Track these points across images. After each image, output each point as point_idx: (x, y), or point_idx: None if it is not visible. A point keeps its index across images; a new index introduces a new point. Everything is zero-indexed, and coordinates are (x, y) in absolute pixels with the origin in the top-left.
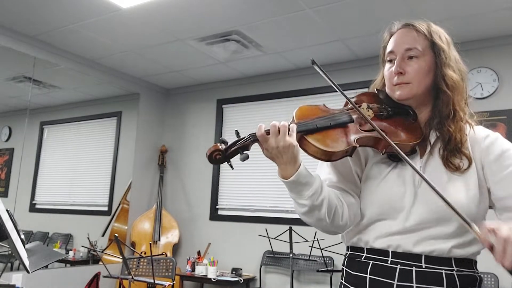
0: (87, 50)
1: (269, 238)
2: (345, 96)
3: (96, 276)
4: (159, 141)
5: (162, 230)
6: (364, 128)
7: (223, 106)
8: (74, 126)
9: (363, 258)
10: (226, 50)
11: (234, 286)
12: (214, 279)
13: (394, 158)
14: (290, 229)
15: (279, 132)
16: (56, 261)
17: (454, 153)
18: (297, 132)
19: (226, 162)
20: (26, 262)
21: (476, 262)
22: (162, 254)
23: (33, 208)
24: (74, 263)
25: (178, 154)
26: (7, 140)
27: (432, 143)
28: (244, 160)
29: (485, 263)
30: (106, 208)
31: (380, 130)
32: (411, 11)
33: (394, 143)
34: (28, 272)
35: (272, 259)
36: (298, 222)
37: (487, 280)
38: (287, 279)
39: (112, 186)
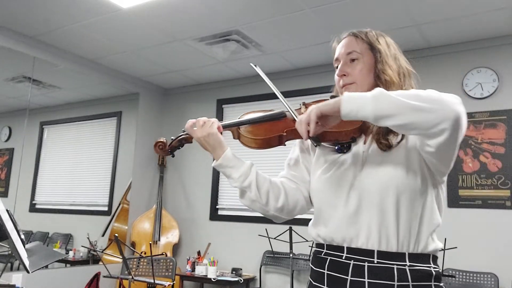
0: (87, 50)
1: (269, 238)
2: (275, 89)
3: (96, 276)
4: None
5: (162, 230)
6: None
7: (223, 106)
8: (74, 126)
9: (323, 254)
10: (225, 50)
11: (234, 286)
12: (214, 279)
13: (343, 149)
14: (290, 229)
15: (202, 125)
16: (56, 261)
17: (385, 134)
18: (233, 126)
19: (169, 154)
20: (26, 262)
21: (435, 257)
22: (162, 254)
23: (33, 208)
24: (74, 263)
25: (178, 154)
26: (7, 140)
27: (373, 131)
28: (179, 148)
29: (485, 263)
30: (106, 208)
31: (296, 113)
32: (410, 11)
33: (325, 132)
34: (28, 272)
35: (272, 259)
36: (298, 222)
37: (487, 280)
38: (287, 279)
39: (112, 186)
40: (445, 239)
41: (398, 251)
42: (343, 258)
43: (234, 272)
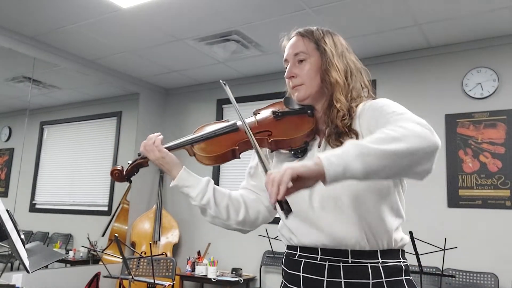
0: (87, 50)
1: (269, 238)
2: (233, 101)
3: (96, 276)
4: None
5: (162, 230)
6: (251, 132)
7: (223, 106)
8: (74, 126)
9: (296, 256)
10: (226, 50)
11: (234, 286)
12: (214, 279)
13: (298, 154)
14: None
15: (149, 148)
16: (56, 261)
17: (337, 137)
18: (187, 144)
19: (126, 180)
20: (26, 262)
21: (403, 251)
22: (162, 254)
23: (33, 208)
24: (74, 263)
25: (178, 154)
26: (7, 140)
27: (325, 132)
28: (135, 174)
29: (485, 263)
30: (106, 208)
31: (248, 128)
32: (411, 11)
33: (275, 140)
34: (28, 272)
35: (272, 259)
36: None
37: (487, 280)
38: None
39: (112, 186)
40: (445, 239)
41: (370, 249)
42: (318, 259)
43: (234, 272)
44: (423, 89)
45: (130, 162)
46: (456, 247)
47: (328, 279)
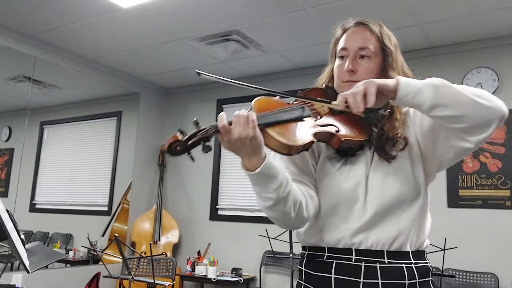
0: (87, 50)
1: (269, 238)
2: (284, 94)
3: (96, 276)
4: (159, 140)
5: (162, 230)
6: (319, 123)
7: (223, 106)
8: (74, 126)
9: (325, 258)
10: (226, 50)
11: (234, 286)
12: (214, 279)
13: (343, 153)
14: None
15: (241, 123)
16: (56, 261)
17: (385, 147)
18: (258, 125)
19: (186, 154)
20: (26, 262)
21: (426, 252)
22: (162, 254)
23: (33, 208)
24: (74, 263)
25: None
26: (7, 140)
27: (373, 140)
28: (206, 152)
29: (485, 263)
30: (106, 208)
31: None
32: (411, 11)
33: (346, 139)
34: (28, 272)
35: (272, 259)
36: None
37: (487, 280)
38: (287, 279)
39: (112, 186)
40: (445, 239)
41: (403, 250)
42: (353, 260)
43: (234, 272)
44: None
45: (185, 132)
46: (456, 247)
47: (364, 280)
